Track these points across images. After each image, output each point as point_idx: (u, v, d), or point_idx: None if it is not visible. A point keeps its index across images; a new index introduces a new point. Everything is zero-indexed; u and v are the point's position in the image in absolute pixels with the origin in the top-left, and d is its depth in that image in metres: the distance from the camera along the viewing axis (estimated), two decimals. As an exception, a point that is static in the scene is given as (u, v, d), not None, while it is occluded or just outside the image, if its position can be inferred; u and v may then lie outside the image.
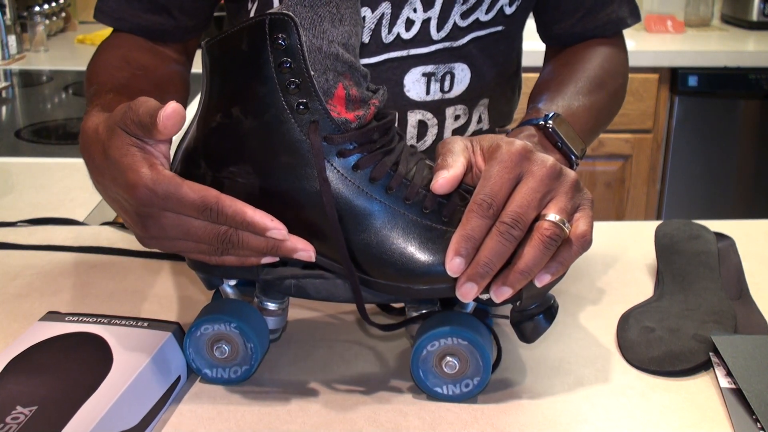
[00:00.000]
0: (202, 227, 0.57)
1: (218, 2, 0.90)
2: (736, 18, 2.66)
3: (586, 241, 0.58)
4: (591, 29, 0.92)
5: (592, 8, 0.91)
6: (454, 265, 0.56)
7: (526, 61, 1.02)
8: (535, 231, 0.56)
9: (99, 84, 0.76)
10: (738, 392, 0.61)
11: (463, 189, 0.62)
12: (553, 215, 0.56)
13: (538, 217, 0.57)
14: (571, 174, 0.59)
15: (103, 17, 0.87)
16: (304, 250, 0.57)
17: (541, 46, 1.03)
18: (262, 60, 0.57)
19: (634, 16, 0.95)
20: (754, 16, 2.57)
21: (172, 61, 0.89)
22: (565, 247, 0.57)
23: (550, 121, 0.73)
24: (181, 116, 0.55)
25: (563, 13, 0.92)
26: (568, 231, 0.57)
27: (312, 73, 0.57)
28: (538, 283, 0.56)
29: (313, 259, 0.58)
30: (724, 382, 0.62)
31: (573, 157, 0.74)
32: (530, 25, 1.05)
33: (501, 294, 0.56)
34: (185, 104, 0.88)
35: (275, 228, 0.56)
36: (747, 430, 0.57)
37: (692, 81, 2.32)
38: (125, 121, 0.57)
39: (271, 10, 0.57)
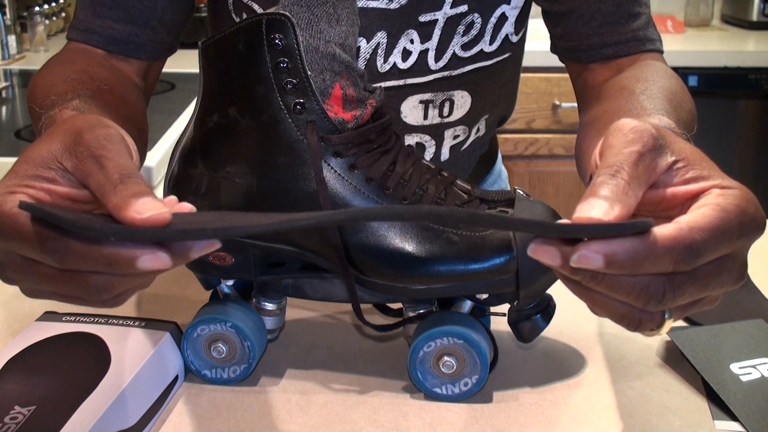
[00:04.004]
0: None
1: (185, 26, 0.85)
2: (736, 18, 2.65)
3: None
4: (611, 43, 0.83)
5: (611, 18, 0.82)
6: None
7: (525, 62, 1.01)
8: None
9: (58, 95, 0.64)
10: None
11: (460, 189, 0.62)
12: (669, 315, 0.45)
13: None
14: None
15: (72, 32, 0.81)
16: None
17: (542, 46, 1.03)
18: (259, 60, 0.57)
19: (661, 42, 0.85)
20: (754, 16, 2.56)
21: (134, 86, 0.81)
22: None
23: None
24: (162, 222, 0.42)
25: (577, 19, 0.83)
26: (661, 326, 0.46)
27: (309, 73, 0.57)
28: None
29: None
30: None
31: None
32: (531, 24, 1.04)
33: (579, 259, 0.41)
34: (146, 140, 0.77)
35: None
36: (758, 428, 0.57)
37: (692, 81, 2.31)
38: (79, 144, 0.46)
39: (267, 10, 0.57)
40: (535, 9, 0.93)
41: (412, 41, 0.81)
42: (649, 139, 0.45)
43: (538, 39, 1.03)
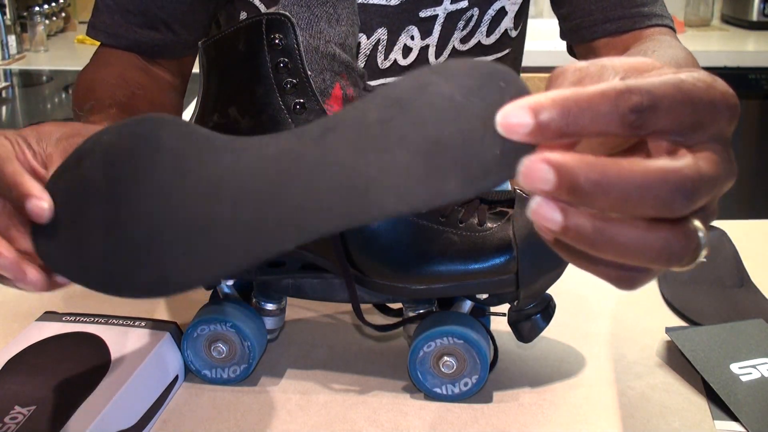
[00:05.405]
0: None
1: (215, 16, 0.88)
2: (736, 18, 2.65)
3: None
4: (615, 18, 0.80)
5: None
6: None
7: (525, 62, 1.01)
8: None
9: (97, 100, 0.73)
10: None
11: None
12: (704, 242, 0.34)
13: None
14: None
15: (97, 33, 0.83)
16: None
17: (543, 46, 1.03)
18: (259, 60, 0.57)
19: (671, 20, 0.83)
20: (754, 16, 2.56)
21: (168, 85, 0.85)
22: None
23: None
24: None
25: None
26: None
27: (309, 73, 0.57)
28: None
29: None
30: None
31: None
32: (531, 24, 1.04)
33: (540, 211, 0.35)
34: None
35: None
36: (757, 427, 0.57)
37: (692, 81, 2.31)
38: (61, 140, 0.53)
39: (267, 10, 0.57)
40: (535, 8, 0.93)
41: (412, 37, 0.81)
42: (576, 70, 0.37)
43: (538, 39, 1.03)
